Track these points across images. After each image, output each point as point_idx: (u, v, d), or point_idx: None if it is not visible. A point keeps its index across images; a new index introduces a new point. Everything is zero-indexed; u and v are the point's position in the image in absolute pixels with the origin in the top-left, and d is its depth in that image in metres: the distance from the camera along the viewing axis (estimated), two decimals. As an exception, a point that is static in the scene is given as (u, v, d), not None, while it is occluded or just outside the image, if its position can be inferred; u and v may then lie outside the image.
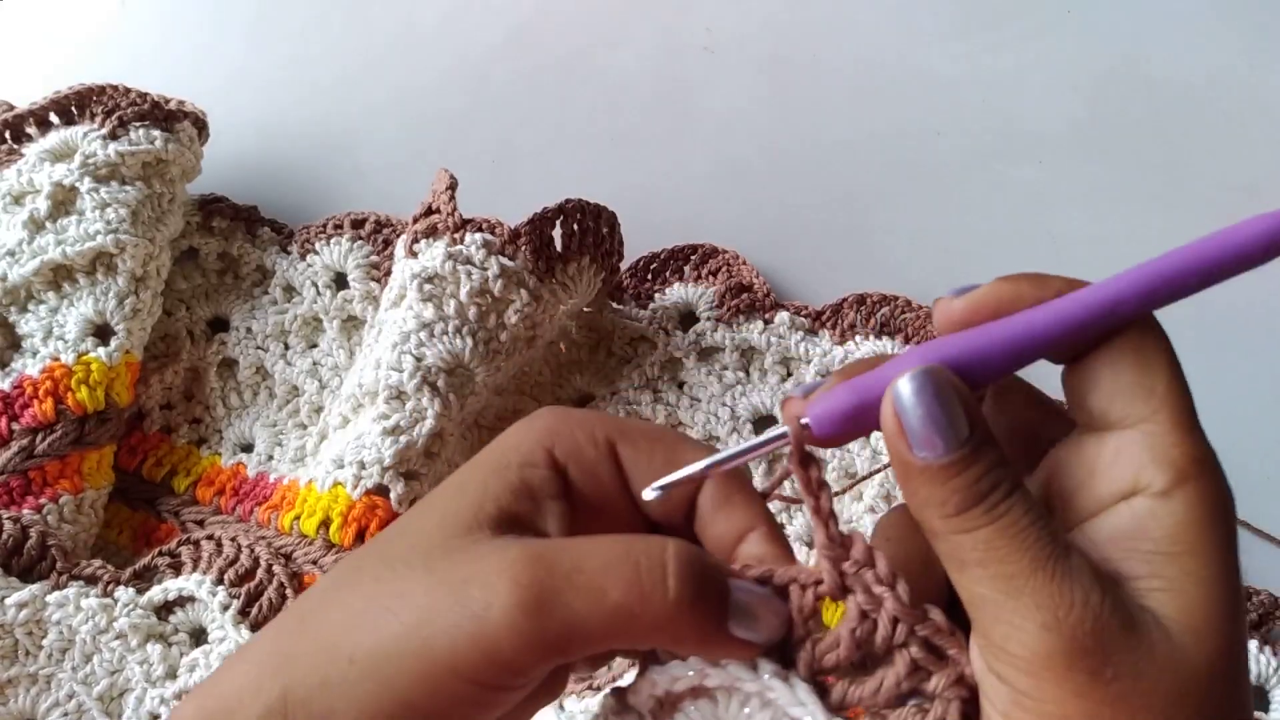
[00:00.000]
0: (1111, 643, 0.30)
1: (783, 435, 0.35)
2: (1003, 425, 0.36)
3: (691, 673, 0.34)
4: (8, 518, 0.58)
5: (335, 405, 0.66)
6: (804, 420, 0.34)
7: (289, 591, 0.58)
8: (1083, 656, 0.30)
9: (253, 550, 0.59)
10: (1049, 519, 0.32)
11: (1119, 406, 0.33)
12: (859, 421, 0.34)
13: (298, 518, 0.60)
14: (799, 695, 0.34)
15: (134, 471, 0.67)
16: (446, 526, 0.34)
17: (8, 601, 0.56)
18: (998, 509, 0.32)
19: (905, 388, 0.32)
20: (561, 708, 0.55)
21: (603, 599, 0.32)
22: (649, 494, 0.35)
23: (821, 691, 0.34)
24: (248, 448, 0.69)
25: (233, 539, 0.60)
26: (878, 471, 0.54)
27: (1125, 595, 0.31)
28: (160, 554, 0.60)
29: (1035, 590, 0.31)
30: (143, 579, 0.59)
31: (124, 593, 0.58)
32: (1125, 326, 0.34)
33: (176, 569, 0.60)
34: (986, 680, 0.32)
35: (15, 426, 0.61)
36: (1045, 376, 0.37)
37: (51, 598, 0.57)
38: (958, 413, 0.32)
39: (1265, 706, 0.59)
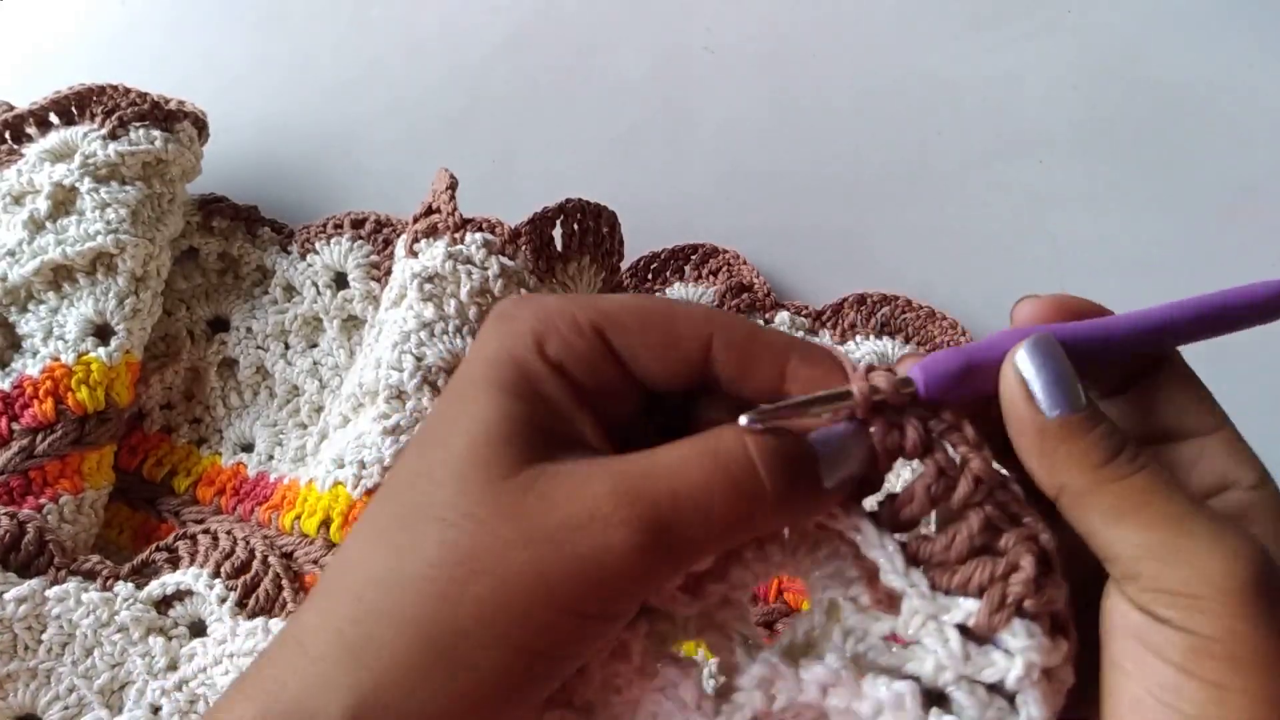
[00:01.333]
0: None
1: (908, 381, 0.35)
2: None
3: None
4: (4, 513, 0.58)
5: (335, 405, 0.66)
6: (911, 374, 0.35)
7: (285, 582, 0.58)
8: (1269, 589, 0.30)
9: (248, 542, 0.59)
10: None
11: (1191, 420, 0.36)
12: (963, 384, 0.35)
13: (298, 517, 0.60)
14: (881, 540, 0.34)
15: (134, 471, 0.67)
16: (489, 463, 0.32)
17: (6, 596, 0.56)
18: (1140, 458, 0.32)
19: (1028, 351, 0.33)
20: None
21: (710, 517, 0.32)
22: (744, 420, 0.33)
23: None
24: (248, 447, 0.69)
25: (228, 532, 0.60)
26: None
27: None
28: (158, 549, 0.60)
29: (1206, 527, 0.31)
30: (141, 574, 0.59)
31: (123, 587, 0.58)
32: (1169, 359, 0.37)
33: (174, 563, 0.60)
34: (1151, 634, 0.31)
35: (15, 426, 0.61)
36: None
37: (51, 592, 0.57)
38: (1075, 376, 0.33)
39: None
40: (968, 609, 0.33)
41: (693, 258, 0.73)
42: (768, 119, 0.82)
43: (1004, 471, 0.35)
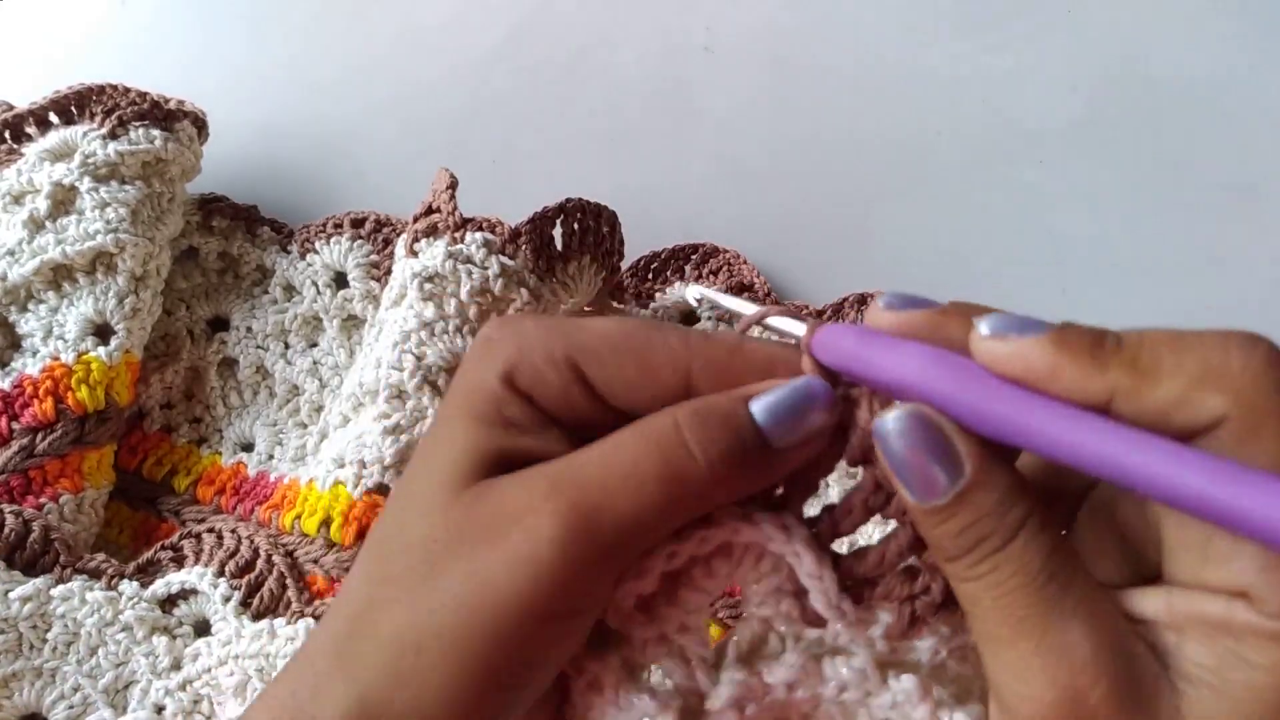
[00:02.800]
0: (1122, 691, 0.29)
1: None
2: None
3: (728, 523, 0.34)
4: (9, 511, 0.58)
5: (335, 404, 0.66)
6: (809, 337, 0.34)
7: (289, 582, 0.58)
8: (1074, 710, 0.29)
9: (252, 541, 0.59)
10: (1056, 576, 0.30)
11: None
12: (845, 371, 0.33)
13: (299, 517, 0.60)
14: (819, 572, 0.34)
15: (134, 471, 0.67)
16: (454, 488, 0.33)
17: (12, 595, 0.56)
18: (980, 567, 0.30)
19: (890, 426, 0.31)
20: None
21: (641, 497, 0.32)
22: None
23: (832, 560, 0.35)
24: (248, 447, 0.69)
25: (233, 531, 0.60)
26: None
27: (1142, 670, 0.29)
28: (163, 548, 0.60)
29: (1015, 660, 0.30)
30: (146, 573, 0.59)
31: (128, 586, 0.58)
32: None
33: (179, 562, 0.60)
34: None
35: (15, 426, 0.61)
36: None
37: (56, 591, 0.57)
38: (948, 452, 0.30)
39: None
40: (885, 621, 0.34)
41: (693, 257, 0.73)
42: (768, 118, 0.82)
43: None
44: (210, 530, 0.61)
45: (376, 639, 0.33)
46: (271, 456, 0.68)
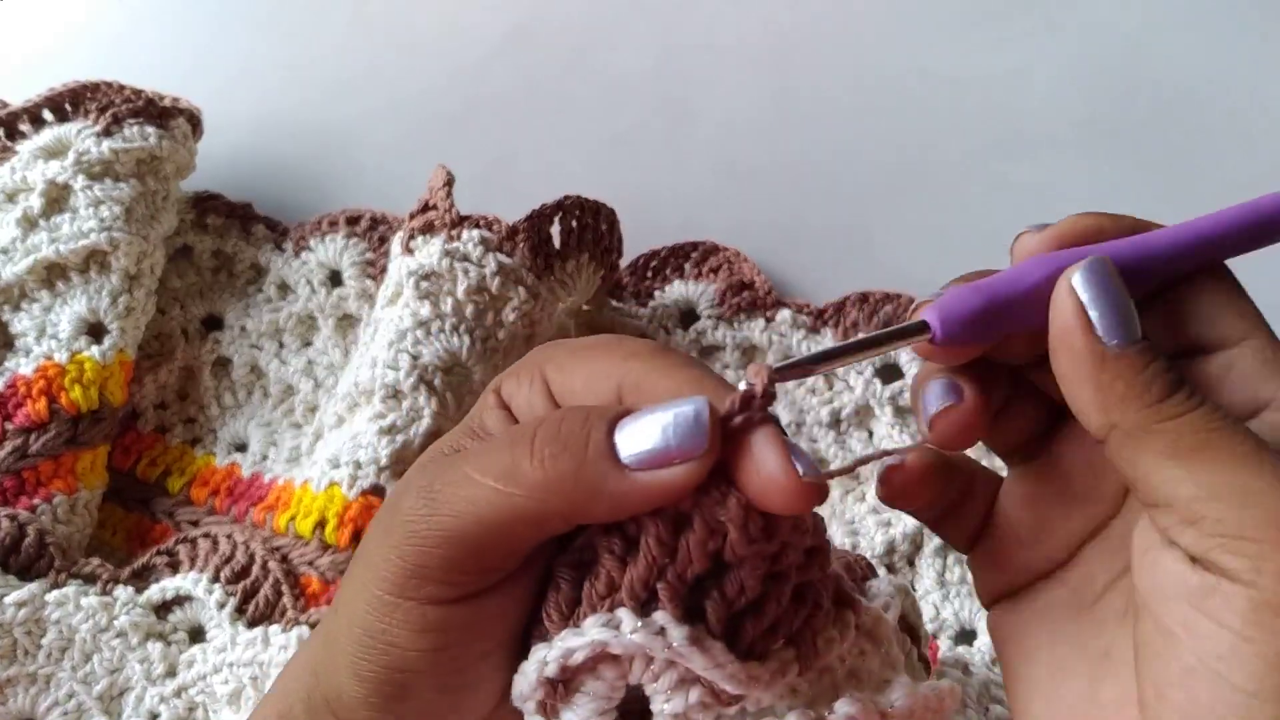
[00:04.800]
0: None
1: (920, 326, 0.33)
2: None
3: (590, 640, 0.32)
4: (5, 515, 0.58)
5: (331, 404, 0.65)
6: (923, 319, 0.33)
7: (284, 589, 0.57)
8: None
9: (248, 547, 0.59)
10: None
11: (1219, 329, 0.33)
12: (987, 323, 0.33)
13: (293, 518, 0.60)
14: (717, 657, 0.31)
15: (128, 472, 0.67)
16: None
17: (6, 600, 0.56)
18: (1197, 395, 0.30)
19: (1084, 275, 0.31)
20: None
21: (475, 484, 0.31)
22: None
23: (732, 637, 0.32)
24: (242, 447, 0.68)
25: (228, 536, 0.60)
26: (875, 457, 0.51)
27: None
28: (158, 553, 0.60)
29: (1229, 462, 0.29)
30: (141, 578, 0.59)
31: (123, 591, 0.57)
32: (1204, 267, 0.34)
33: (174, 567, 0.59)
34: (1207, 594, 0.29)
35: (8, 426, 0.60)
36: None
37: (50, 596, 0.56)
38: (1132, 304, 0.31)
39: None
40: (790, 659, 0.33)
41: (693, 255, 0.72)
42: (768, 116, 0.81)
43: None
44: (205, 535, 0.60)
45: (326, 635, 0.36)
46: (266, 457, 0.67)
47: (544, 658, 0.32)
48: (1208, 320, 0.33)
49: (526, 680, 0.33)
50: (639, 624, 0.31)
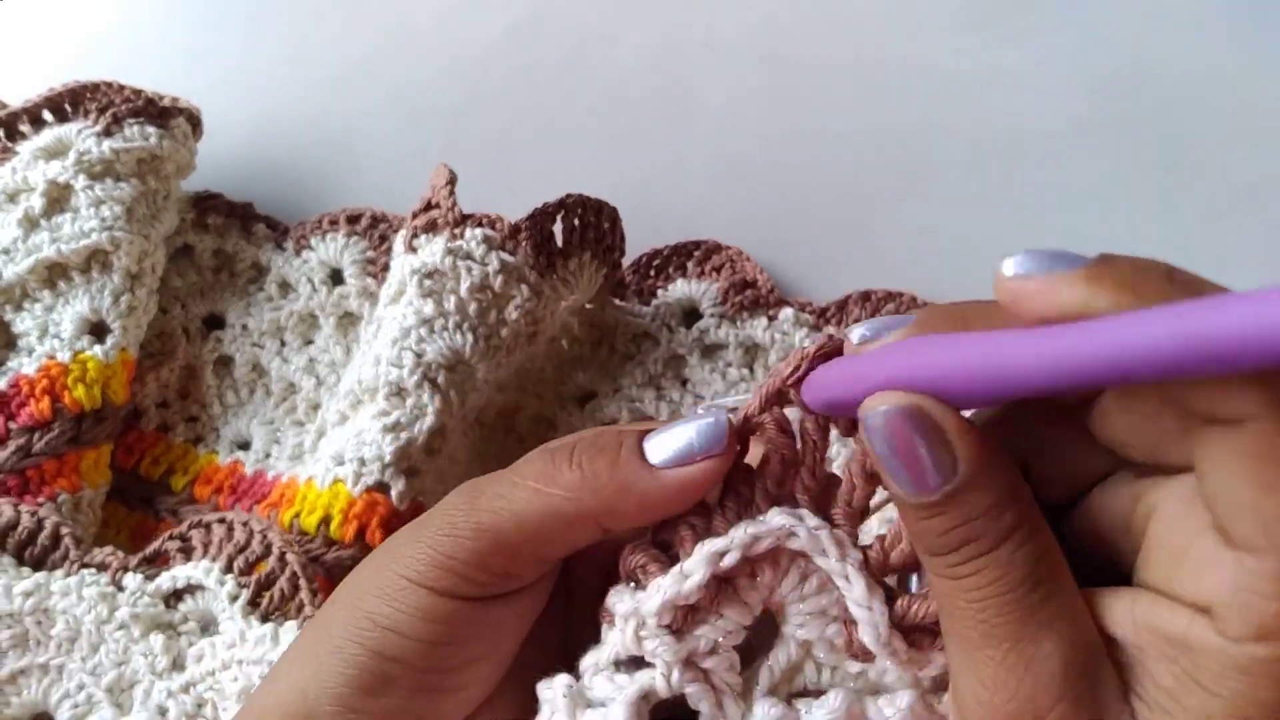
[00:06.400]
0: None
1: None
2: (1121, 426, 0.29)
3: (778, 525, 0.33)
4: (26, 511, 0.57)
5: (334, 402, 0.65)
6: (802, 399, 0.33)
7: (301, 582, 0.56)
8: None
9: (265, 536, 0.58)
10: (1040, 585, 0.28)
11: (1240, 528, 0.25)
12: (841, 409, 0.32)
13: (297, 515, 0.60)
14: (869, 601, 0.32)
15: (131, 470, 0.67)
16: None
17: (15, 590, 0.55)
18: (962, 568, 0.29)
19: (876, 419, 0.29)
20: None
21: (515, 485, 0.34)
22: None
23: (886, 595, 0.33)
24: (245, 445, 0.68)
25: (245, 524, 0.59)
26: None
27: (1105, 694, 0.28)
28: (170, 538, 0.59)
29: (980, 663, 0.29)
30: (153, 564, 0.58)
31: (132, 579, 0.56)
32: (1252, 421, 0.25)
33: (187, 553, 0.58)
34: None
35: (12, 426, 0.60)
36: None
37: (55, 586, 0.56)
38: (939, 449, 0.28)
39: None
40: (939, 664, 0.33)
41: (695, 254, 0.72)
42: (769, 114, 0.81)
43: None
44: (221, 521, 0.59)
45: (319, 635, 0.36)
46: (269, 455, 0.68)
47: (720, 548, 0.33)
48: (1234, 512, 0.26)
49: (686, 581, 0.33)
50: (821, 521, 0.33)
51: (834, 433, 0.34)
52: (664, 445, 0.33)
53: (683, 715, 0.34)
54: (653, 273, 0.72)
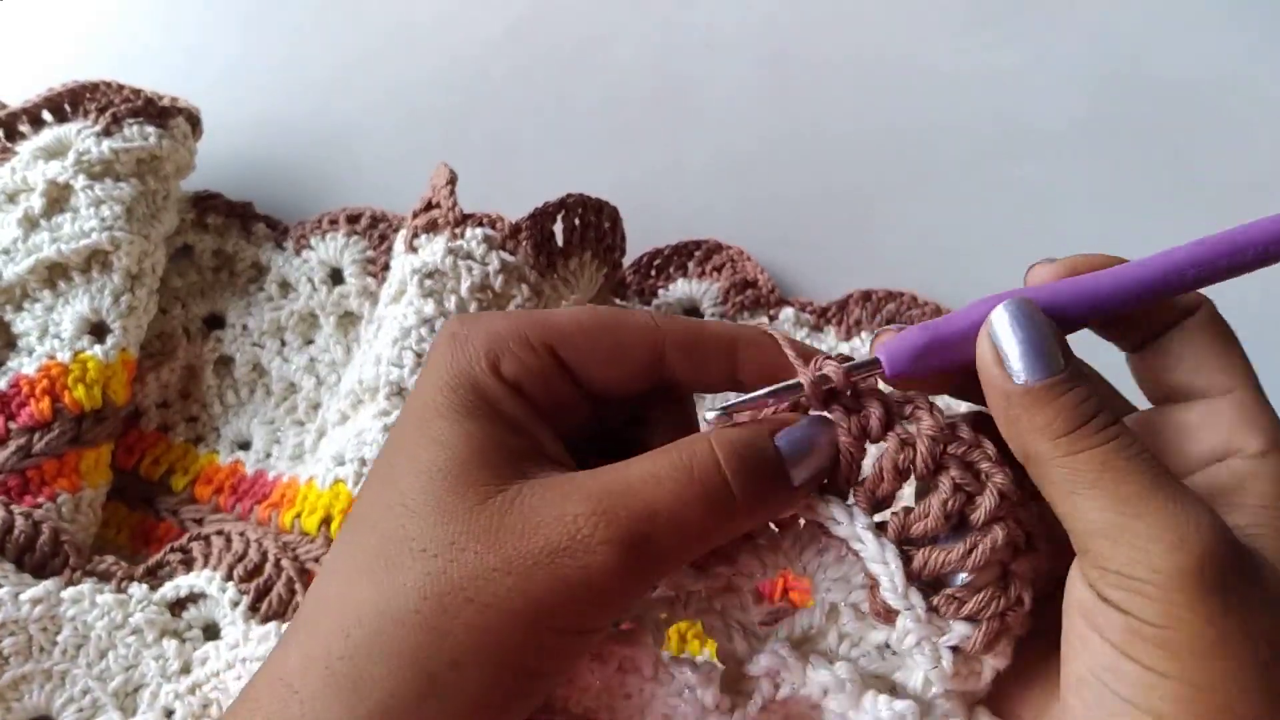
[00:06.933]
0: (1233, 569, 0.30)
1: (874, 361, 0.35)
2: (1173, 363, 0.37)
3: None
4: (19, 513, 0.57)
5: (334, 402, 0.65)
6: (876, 355, 0.35)
7: (298, 586, 0.57)
8: (1212, 577, 0.29)
9: (261, 545, 0.58)
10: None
11: (1203, 378, 0.35)
12: (930, 359, 0.35)
13: (298, 515, 0.60)
14: (883, 556, 0.35)
15: (131, 470, 0.66)
16: (464, 489, 0.33)
17: (21, 597, 0.55)
18: (1108, 430, 0.32)
19: (1001, 315, 0.33)
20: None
21: (685, 531, 0.33)
22: (710, 416, 0.35)
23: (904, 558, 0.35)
24: (245, 445, 0.68)
25: (241, 534, 0.60)
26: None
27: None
28: (172, 550, 0.60)
29: (1159, 509, 0.30)
30: (155, 575, 0.59)
31: (137, 589, 0.57)
32: (1195, 310, 0.35)
33: (188, 565, 0.59)
34: (1096, 612, 0.31)
35: (12, 426, 0.60)
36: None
37: (66, 594, 0.56)
38: (1052, 339, 0.33)
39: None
40: (962, 633, 0.34)
41: (696, 254, 0.72)
42: (770, 114, 0.81)
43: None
44: (219, 533, 0.60)
45: (391, 656, 0.31)
46: (269, 454, 0.67)
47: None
48: (1195, 369, 0.35)
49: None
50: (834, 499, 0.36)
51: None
52: (805, 465, 0.34)
53: None
54: (653, 272, 0.72)
